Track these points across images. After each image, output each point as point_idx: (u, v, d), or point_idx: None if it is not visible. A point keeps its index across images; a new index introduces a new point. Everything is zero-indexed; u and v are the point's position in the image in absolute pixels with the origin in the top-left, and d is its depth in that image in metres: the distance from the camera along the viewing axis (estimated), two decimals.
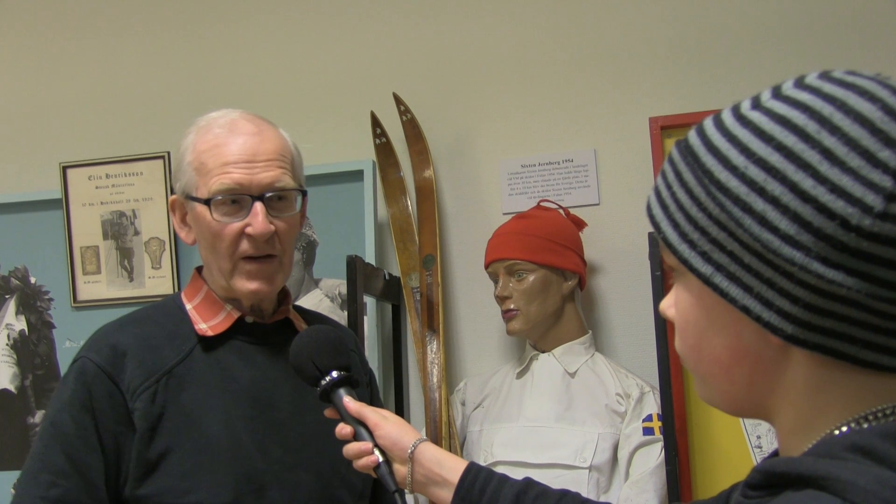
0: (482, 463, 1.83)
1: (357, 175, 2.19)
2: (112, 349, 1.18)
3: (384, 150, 2.23)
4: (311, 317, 1.41)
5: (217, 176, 1.19)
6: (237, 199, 1.20)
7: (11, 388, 2.36)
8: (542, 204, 2.02)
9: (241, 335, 1.26)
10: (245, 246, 1.21)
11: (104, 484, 1.14)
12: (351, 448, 1.08)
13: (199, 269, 1.31)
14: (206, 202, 1.20)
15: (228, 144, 1.21)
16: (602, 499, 1.73)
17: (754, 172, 0.61)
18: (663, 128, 1.83)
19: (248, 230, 1.20)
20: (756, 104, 0.65)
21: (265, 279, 1.23)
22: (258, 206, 1.20)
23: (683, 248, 0.67)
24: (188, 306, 1.27)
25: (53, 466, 1.12)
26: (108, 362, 1.17)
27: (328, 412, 1.13)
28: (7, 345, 2.38)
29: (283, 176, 1.22)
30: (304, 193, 1.27)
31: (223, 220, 1.20)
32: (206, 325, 1.24)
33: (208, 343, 1.24)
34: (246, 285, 1.22)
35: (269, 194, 1.21)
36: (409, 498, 1.11)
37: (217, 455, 1.17)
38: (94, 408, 1.14)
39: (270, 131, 1.25)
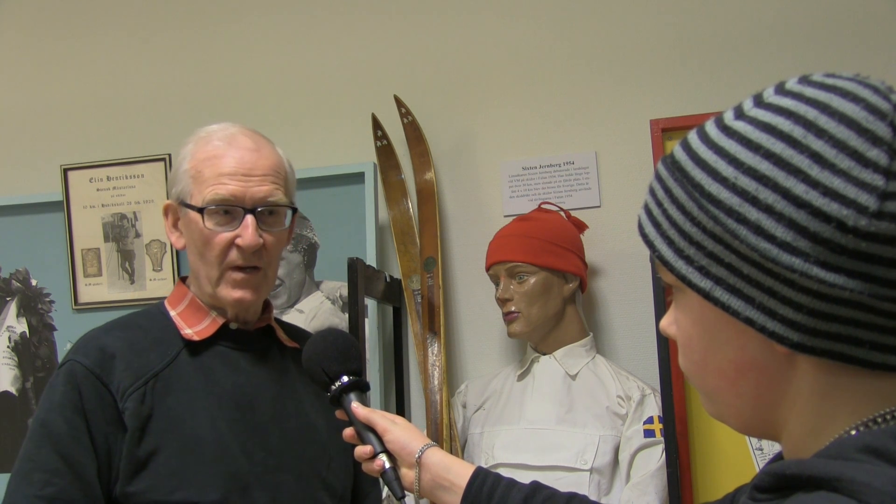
0: (483, 465, 1.83)
1: (358, 177, 2.19)
2: (100, 352, 1.21)
3: (385, 152, 2.23)
4: (290, 328, 1.44)
5: (212, 186, 1.23)
6: (230, 210, 1.24)
7: (12, 390, 2.37)
8: (542, 206, 2.02)
9: (224, 341, 1.29)
10: (233, 256, 1.25)
11: (98, 482, 1.16)
12: (357, 451, 1.10)
13: (184, 279, 1.35)
14: (200, 210, 1.24)
15: (226, 157, 1.25)
16: (603, 501, 1.73)
17: (745, 182, 0.61)
18: (664, 130, 1.82)
19: (238, 241, 1.24)
20: (739, 114, 0.64)
21: (251, 288, 1.27)
22: (249, 218, 1.24)
23: (680, 265, 0.66)
24: (172, 313, 1.30)
25: (47, 465, 1.14)
26: (96, 364, 1.19)
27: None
28: (8, 347, 2.38)
29: (275, 191, 1.27)
30: (294, 210, 1.32)
31: (215, 228, 1.24)
32: (192, 331, 1.28)
33: (193, 348, 1.27)
34: (231, 294, 1.26)
35: (260, 208, 1.25)
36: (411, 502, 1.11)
37: (203, 455, 1.19)
38: (86, 409, 1.17)
39: (267, 148, 1.30)
